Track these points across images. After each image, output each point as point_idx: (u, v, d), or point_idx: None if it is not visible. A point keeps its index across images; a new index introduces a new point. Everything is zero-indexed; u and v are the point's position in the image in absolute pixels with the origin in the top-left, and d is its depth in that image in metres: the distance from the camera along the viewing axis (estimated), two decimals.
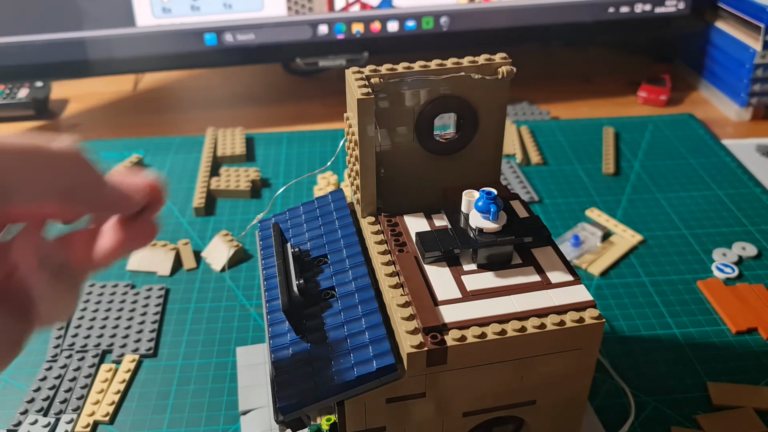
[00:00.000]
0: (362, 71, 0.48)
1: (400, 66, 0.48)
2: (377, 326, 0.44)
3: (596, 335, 0.44)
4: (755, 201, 0.83)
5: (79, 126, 1.05)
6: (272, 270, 0.50)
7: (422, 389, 0.43)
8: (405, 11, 0.99)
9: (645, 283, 0.70)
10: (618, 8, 1.03)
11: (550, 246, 0.48)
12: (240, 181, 0.86)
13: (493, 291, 0.44)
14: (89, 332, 0.65)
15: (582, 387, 0.47)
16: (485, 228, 0.45)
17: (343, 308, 0.46)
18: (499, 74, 0.49)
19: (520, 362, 0.43)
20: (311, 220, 0.54)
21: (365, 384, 0.41)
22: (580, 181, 0.87)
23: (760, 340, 0.64)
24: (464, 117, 0.50)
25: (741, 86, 1.01)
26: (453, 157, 0.52)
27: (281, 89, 1.16)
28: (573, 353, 0.44)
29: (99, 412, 0.57)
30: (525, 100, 1.09)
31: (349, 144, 0.50)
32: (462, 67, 0.48)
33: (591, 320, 0.43)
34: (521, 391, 0.45)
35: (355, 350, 0.42)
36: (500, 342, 0.42)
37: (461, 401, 0.45)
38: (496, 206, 0.45)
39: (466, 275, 0.46)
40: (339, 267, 0.49)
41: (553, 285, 0.45)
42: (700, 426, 0.55)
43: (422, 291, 0.44)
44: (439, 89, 0.49)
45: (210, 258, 0.75)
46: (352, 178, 0.52)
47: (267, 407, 0.56)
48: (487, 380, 0.44)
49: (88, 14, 0.93)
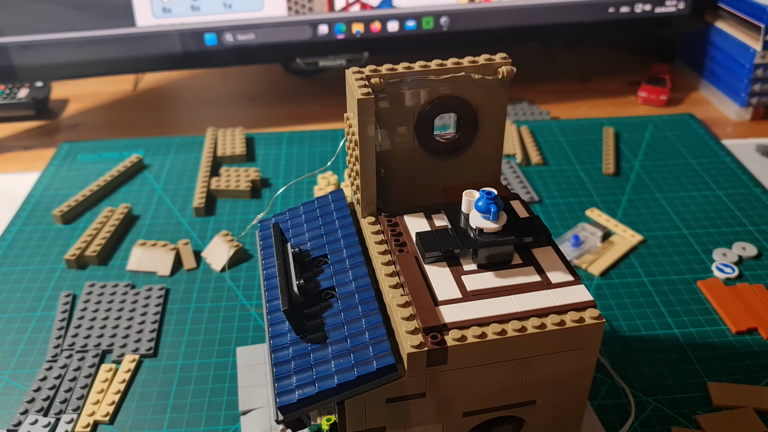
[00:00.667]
0: (362, 71, 0.48)
1: (400, 66, 0.48)
2: (377, 326, 0.44)
3: (596, 335, 0.44)
4: (755, 201, 0.83)
5: (79, 126, 1.05)
6: (272, 270, 0.50)
7: (422, 389, 0.43)
8: (405, 11, 0.99)
9: (645, 283, 0.70)
10: (618, 8, 1.03)
11: (551, 246, 0.48)
12: (240, 181, 0.86)
13: (493, 291, 0.44)
14: (89, 332, 0.65)
15: (582, 387, 0.47)
16: (485, 228, 0.45)
17: (343, 308, 0.46)
18: (500, 74, 0.49)
19: (520, 362, 0.43)
20: (311, 220, 0.54)
21: (365, 384, 0.41)
22: (580, 181, 0.87)
23: (760, 340, 0.64)
24: (464, 117, 0.50)
25: (741, 86, 1.01)
26: (453, 157, 0.52)
27: (281, 89, 1.16)
28: (573, 353, 0.44)
29: (99, 412, 0.57)
30: (525, 100, 1.09)
31: (349, 144, 0.50)
32: (462, 68, 0.48)
33: (591, 320, 0.43)
34: (521, 391, 0.45)
35: (355, 350, 0.42)
36: (500, 342, 0.42)
37: (461, 401, 0.45)
38: (496, 206, 0.45)
39: (466, 275, 0.46)
40: (339, 267, 0.49)
41: (553, 285, 0.45)
42: (700, 426, 0.55)
43: (422, 291, 0.44)
44: (439, 89, 0.49)
45: (210, 258, 0.75)
46: (352, 178, 0.52)
47: (267, 407, 0.56)
48: (487, 380, 0.44)
49: (88, 14, 0.93)
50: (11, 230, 0.80)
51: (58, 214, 0.80)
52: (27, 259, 0.75)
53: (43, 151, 0.98)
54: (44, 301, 0.70)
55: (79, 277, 0.73)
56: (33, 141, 1.01)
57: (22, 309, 0.69)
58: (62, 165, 0.93)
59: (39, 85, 1.07)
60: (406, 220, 0.50)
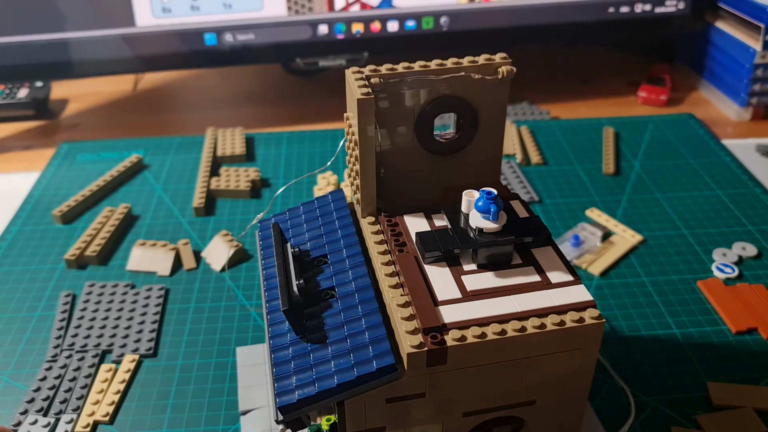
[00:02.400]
0: (362, 71, 0.48)
1: (400, 66, 0.48)
2: (377, 326, 0.44)
3: (596, 335, 0.44)
4: (755, 201, 0.83)
5: (79, 126, 1.06)
6: (272, 270, 0.50)
7: (422, 389, 0.43)
8: (405, 11, 0.99)
9: (645, 283, 0.70)
10: (618, 8, 1.03)
11: (550, 246, 0.48)
12: (240, 181, 0.86)
13: (493, 291, 0.44)
14: (89, 332, 0.65)
15: (582, 387, 0.47)
16: (485, 228, 0.45)
17: (343, 308, 0.46)
18: (500, 74, 0.49)
19: (520, 362, 0.43)
20: (311, 220, 0.54)
21: (365, 384, 0.41)
22: (580, 181, 0.87)
23: (760, 340, 0.64)
24: (464, 117, 0.50)
25: (741, 86, 1.01)
26: (453, 157, 0.52)
27: (281, 89, 1.16)
28: (573, 353, 0.44)
29: (99, 412, 0.57)
30: (525, 100, 1.08)
31: (349, 144, 0.50)
32: (462, 67, 0.48)
33: (591, 320, 0.43)
34: (521, 391, 0.45)
35: (355, 350, 0.42)
36: (500, 342, 0.42)
37: (461, 401, 0.45)
38: (496, 206, 0.45)
39: (466, 275, 0.46)
40: (339, 267, 0.49)
41: (553, 285, 0.45)
42: (700, 426, 0.55)
43: (422, 291, 0.44)
44: (439, 89, 0.49)
45: (210, 258, 0.75)
46: (352, 178, 0.52)
47: (267, 407, 0.56)
48: (487, 380, 0.44)
49: (88, 14, 0.93)
50: (11, 230, 0.80)
51: (58, 214, 0.80)
52: (27, 259, 0.75)
53: (43, 151, 0.98)
54: (44, 301, 0.70)
55: (79, 277, 0.73)
56: (33, 141, 1.01)
57: (22, 309, 0.69)
58: (62, 165, 0.93)
59: (39, 85, 1.07)
60: (406, 220, 0.50)
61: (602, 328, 0.44)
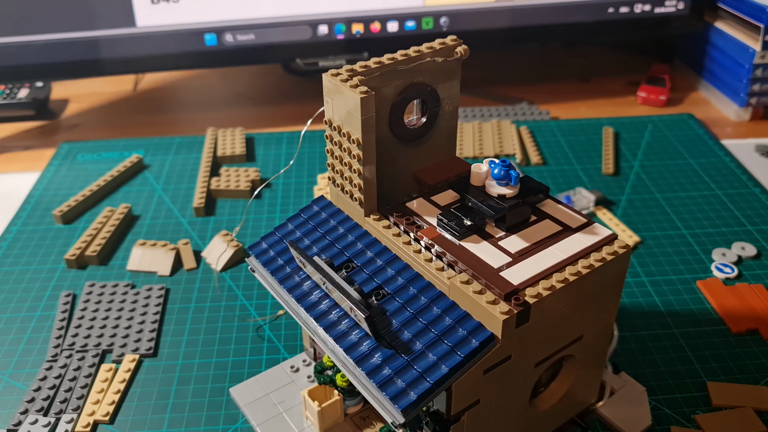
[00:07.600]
0: (340, 72, 0.48)
1: (371, 62, 0.49)
2: (453, 308, 0.44)
3: (626, 260, 0.48)
4: (755, 201, 0.83)
5: (79, 126, 1.06)
6: (301, 289, 0.49)
7: (509, 352, 0.44)
8: (405, 11, 0.99)
9: (645, 283, 0.70)
10: (617, 8, 1.03)
11: (549, 199, 0.51)
12: (240, 181, 0.86)
13: (533, 248, 0.47)
14: (89, 332, 0.65)
15: (612, 315, 0.51)
16: (507, 194, 0.48)
17: (405, 302, 0.45)
18: (457, 54, 0.50)
19: (576, 302, 0.46)
20: (309, 232, 0.53)
21: (470, 361, 0.42)
22: (580, 181, 0.87)
23: (760, 340, 0.64)
24: (429, 100, 0.51)
25: (740, 86, 1.01)
26: (420, 141, 0.53)
27: (281, 89, 1.16)
28: (610, 280, 0.48)
29: (99, 412, 0.57)
30: (525, 100, 1.09)
31: (334, 147, 0.51)
32: (427, 53, 0.50)
33: (620, 249, 0.47)
34: (575, 329, 0.49)
35: (445, 335, 0.43)
36: (566, 288, 0.44)
37: (535, 353, 0.47)
38: (516, 171, 0.48)
39: (502, 240, 0.47)
40: (373, 267, 0.48)
41: (575, 230, 0.48)
42: (700, 426, 0.55)
43: (479, 264, 0.45)
44: (408, 78, 0.50)
45: (210, 258, 0.75)
46: (344, 179, 0.52)
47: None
48: (556, 326, 0.46)
49: (88, 14, 0.94)
50: (11, 230, 0.80)
51: (58, 214, 0.81)
52: (27, 259, 0.75)
53: (43, 151, 0.98)
54: (44, 301, 0.70)
55: (79, 277, 0.73)
56: (33, 141, 1.01)
57: (22, 309, 0.69)
58: (62, 165, 0.93)
59: (39, 85, 1.07)
60: (410, 208, 0.51)
61: (630, 253, 0.48)
